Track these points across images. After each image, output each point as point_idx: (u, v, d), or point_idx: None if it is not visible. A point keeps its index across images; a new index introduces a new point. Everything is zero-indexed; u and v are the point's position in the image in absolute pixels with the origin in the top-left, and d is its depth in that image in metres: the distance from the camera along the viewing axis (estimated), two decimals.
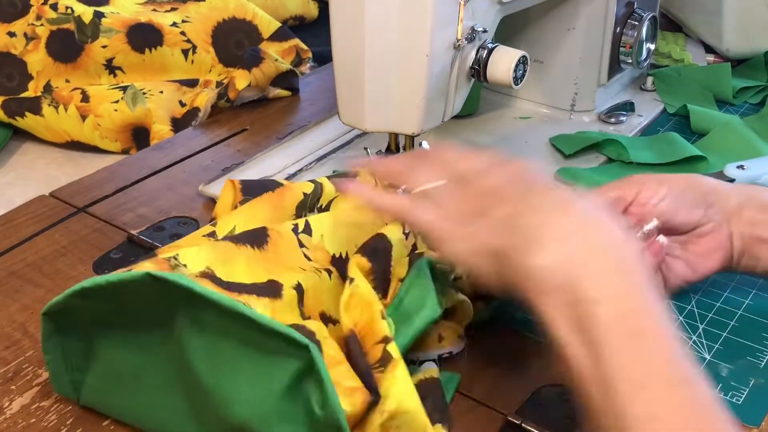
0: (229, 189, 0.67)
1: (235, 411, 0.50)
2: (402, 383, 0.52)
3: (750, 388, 0.60)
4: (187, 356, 0.51)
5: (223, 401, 0.50)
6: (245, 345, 0.50)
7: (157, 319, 0.52)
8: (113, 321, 0.54)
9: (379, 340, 0.53)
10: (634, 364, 0.43)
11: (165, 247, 0.62)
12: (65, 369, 0.57)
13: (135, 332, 0.54)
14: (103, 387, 0.57)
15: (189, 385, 0.52)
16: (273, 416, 0.49)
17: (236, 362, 0.50)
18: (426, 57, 0.68)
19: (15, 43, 1.06)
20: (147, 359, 0.54)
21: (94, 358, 0.56)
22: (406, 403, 0.51)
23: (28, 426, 0.58)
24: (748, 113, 0.99)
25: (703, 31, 1.12)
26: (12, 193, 0.92)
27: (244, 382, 0.50)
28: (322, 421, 0.49)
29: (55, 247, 0.76)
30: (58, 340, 0.56)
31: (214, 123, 0.99)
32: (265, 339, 0.49)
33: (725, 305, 0.69)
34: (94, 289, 0.52)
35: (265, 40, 1.12)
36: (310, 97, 1.05)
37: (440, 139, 0.92)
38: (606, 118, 0.97)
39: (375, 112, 0.71)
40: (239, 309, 0.49)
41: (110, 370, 0.56)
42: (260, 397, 0.49)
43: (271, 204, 0.65)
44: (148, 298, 0.52)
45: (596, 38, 0.93)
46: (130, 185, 0.86)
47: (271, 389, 0.49)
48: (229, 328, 0.50)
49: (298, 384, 0.49)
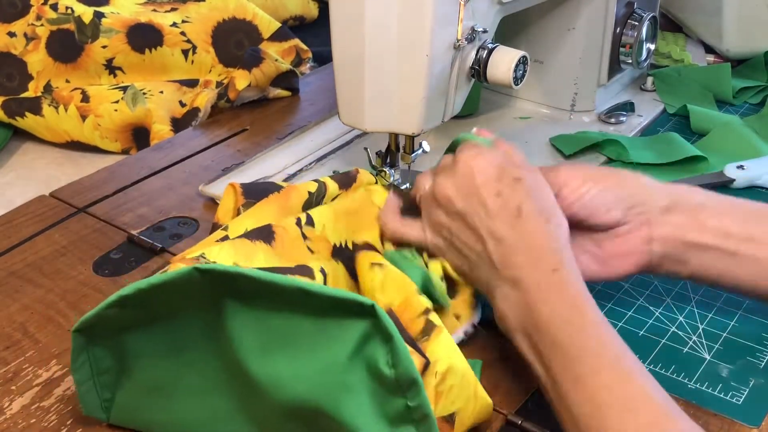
0: (230, 193, 0.67)
1: (295, 391, 0.49)
2: (448, 346, 0.54)
3: (750, 388, 0.60)
4: (235, 348, 0.50)
5: (281, 384, 0.49)
6: (302, 321, 0.49)
7: (198, 317, 0.52)
8: (149, 329, 0.53)
9: (419, 313, 0.56)
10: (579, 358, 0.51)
11: (186, 250, 0.62)
12: (95, 389, 0.55)
13: (172, 337, 0.53)
14: (135, 402, 0.56)
15: (236, 380, 0.52)
16: (338, 388, 0.49)
17: (294, 341, 0.49)
18: (426, 57, 0.68)
19: (15, 43, 1.06)
20: (186, 363, 0.53)
21: (127, 373, 0.55)
22: (456, 363, 0.53)
23: (28, 426, 0.58)
24: (748, 113, 0.99)
25: (703, 31, 1.12)
26: (12, 193, 0.92)
27: (305, 359, 0.49)
28: (393, 380, 0.48)
29: (55, 247, 0.76)
30: (86, 358, 0.54)
31: (214, 123, 0.99)
32: (324, 310, 0.48)
33: (725, 305, 0.69)
34: (135, 296, 0.51)
35: (265, 40, 1.12)
36: (310, 97, 1.05)
37: (440, 139, 0.92)
38: (606, 118, 0.96)
39: (375, 112, 0.71)
40: (298, 284, 0.48)
41: (145, 382, 0.55)
42: (323, 370, 0.49)
43: (278, 204, 0.65)
44: (189, 297, 0.51)
45: (596, 38, 0.93)
46: (130, 185, 0.86)
47: (334, 360, 0.48)
48: (283, 308, 0.49)
49: (362, 349, 0.49)
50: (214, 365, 0.53)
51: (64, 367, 0.62)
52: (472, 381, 0.54)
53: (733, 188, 0.84)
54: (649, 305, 0.69)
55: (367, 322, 0.48)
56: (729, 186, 0.84)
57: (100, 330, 0.53)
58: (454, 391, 0.53)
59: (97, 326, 0.53)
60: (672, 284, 0.71)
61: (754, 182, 0.84)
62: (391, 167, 0.77)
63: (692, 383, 0.61)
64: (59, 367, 0.63)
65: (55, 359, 0.63)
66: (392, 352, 0.48)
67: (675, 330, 0.66)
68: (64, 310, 0.68)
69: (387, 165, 0.77)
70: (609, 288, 0.70)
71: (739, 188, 0.84)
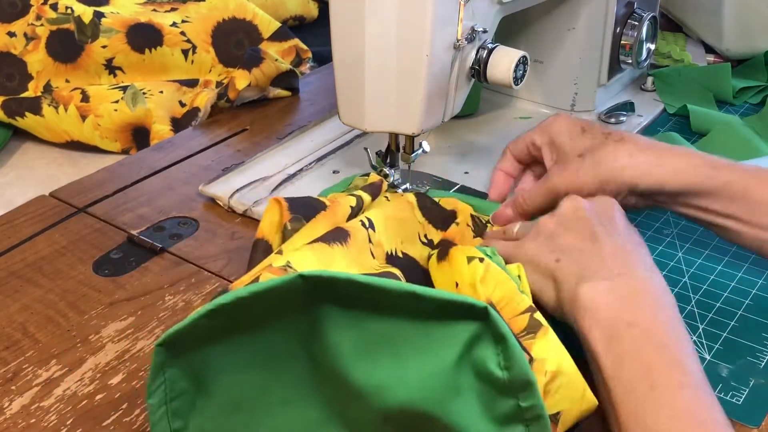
0: (275, 207, 0.66)
1: (399, 396, 0.48)
2: (557, 346, 0.53)
3: (750, 388, 0.60)
4: (333, 355, 0.49)
5: (384, 390, 0.48)
6: (406, 325, 0.48)
7: (289, 326, 0.50)
8: (234, 342, 0.50)
9: (522, 311, 0.55)
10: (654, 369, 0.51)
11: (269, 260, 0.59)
12: (167, 417, 0.52)
13: (259, 348, 0.51)
14: (213, 424, 0.52)
15: (328, 389, 0.51)
16: (445, 392, 0.48)
17: (397, 345, 0.48)
18: (426, 57, 0.68)
19: (15, 43, 1.06)
20: (273, 376, 0.51)
21: (204, 394, 0.52)
22: (565, 364, 0.53)
23: (28, 426, 0.58)
24: (748, 113, 0.99)
25: (703, 31, 1.12)
26: (12, 193, 0.92)
27: (410, 364, 0.48)
28: (506, 382, 0.47)
29: (55, 247, 0.76)
30: (162, 380, 0.50)
31: (214, 123, 0.99)
32: (428, 313, 0.47)
33: (725, 305, 0.69)
34: (230, 305, 0.48)
35: (265, 40, 1.12)
36: (310, 97, 1.05)
37: (440, 139, 0.92)
38: (606, 119, 0.96)
39: (375, 112, 0.71)
40: (409, 288, 0.47)
41: (226, 401, 0.52)
42: (430, 375, 0.48)
43: (326, 222, 0.64)
44: (281, 306, 0.49)
45: (596, 38, 0.93)
46: (130, 185, 0.86)
47: (441, 363, 0.47)
48: (385, 313, 0.48)
49: (470, 351, 0.48)
50: (305, 375, 0.51)
51: (64, 367, 0.62)
52: (581, 383, 0.53)
53: None
54: None
55: (477, 324, 0.47)
56: None
57: (182, 344, 0.49)
58: (561, 392, 0.53)
59: (180, 341, 0.49)
60: (672, 284, 0.71)
61: None
62: (391, 167, 0.77)
63: None
64: (59, 367, 0.63)
65: (54, 359, 0.63)
66: (504, 353, 0.47)
67: None
68: (64, 310, 0.68)
69: (387, 165, 0.77)
70: None
71: None
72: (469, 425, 0.48)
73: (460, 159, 0.89)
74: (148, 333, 0.66)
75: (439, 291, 0.47)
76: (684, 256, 0.75)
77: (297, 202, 0.67)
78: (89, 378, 0.62)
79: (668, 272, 0.72)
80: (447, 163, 0.87)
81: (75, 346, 0.64)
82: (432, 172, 0.84)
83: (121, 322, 0.67)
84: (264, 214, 0.66)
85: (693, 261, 0.74)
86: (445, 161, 0.88)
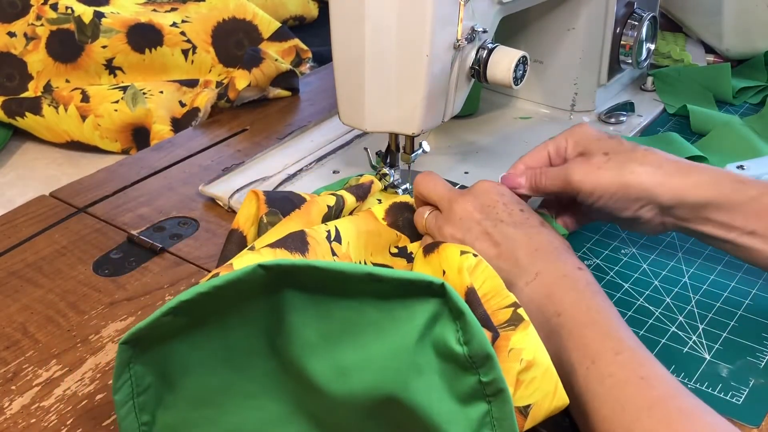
0: (253, 200, 0.66)
1: (363, 379, 0.48)
2: (536, 340, 0.54)
3: (750, 388, 0.60)
4: (296, 345, 0.49)
5: (348, 376, 0.48)
6: (367, 308, 0.48)
7: (252, 319, 0.50)
8: (198, 336, 0.51)
9: (507, 305, 0.56)
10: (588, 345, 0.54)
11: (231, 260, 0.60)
12: (134, 411, 0.52)
13: (223, 343, 0.51)
14: (180, 419, 0.53)
15: (293, 381, 0.51)
16: (407, 372, 0.48)
17: (359, 329, 0.48)
18: (426, 57, 0.68)
19: (15, 43, 1.06)
20: (237, 369, 0.52)
21: (170, 389, 0.52)
22: (541, 357, 0.53)
23: (28, 426, 0.58)
24: (748, 113, 0.99)
25: (703, 31, 1.12)
26: (12, 193, 0.92)
27: (372, 346, 0.48)
28: (466, 357, 0.48)
29: (55, 247, 0.76)
30: (128, 377, 0.51)
31: (214, 123, 0.99)
32: (389, 294, 0.48)
33: (725, 305, 0.69)
34: (192, 301, 0.48)
35: (265, 40, 1.12)
36: (310, 97, 1.05)
37: (440, 139, 0.92)
38: (606, 118, 0.97)
39: (375, 112, 0.71)
40: (366, 270, 0.47)
41: (192, 395, 0.52)
42: (391, 355, 0.48)
43: (300, 221, 0.64)
44: (244, 299, 0.49)
45: (596, 38, 0.93)
46: (130, 185, 0.86)
47: (402, 343, 0.48)
48: (347, 297, 0.48)
49: (430, 329, 0.48)
50: (268, 369, 0.52)
51: (64, 367, 0.62)
52: (554, 378, 0.54)
53: None
54: (649, 305, 0.69)
55: (436, 301, 0.48)
56: None
57: (146, 341, 0.51)
58: (535, 384, 0.53)
59: (144, 338, 0.50)
60: (672, 284, 0.71)
61: None
62: (391, 167, 0.77)
63: (692, 383, 0.61)
64: (59, 367, 0.63)
65: (55, 359, 0.63)
66: (464, 328, 0.48)
67: (675, 330, 0.66)
68: (64, 310, 0.68)
69: (387, 165, 0.77)
70: (609, 288, 0.70)
71: None
72: (431, 405, 0.48)
73: (460, 159, 0.89)
74: None
75: (397, 271, 0.47)
76: (684, 257, 0.75)
77: (275, 196, 0.67)
78: (89, 378, 0.62)
79: (668, 272, 0.72)
80: (447, 163, 0.87)
81: (75, 346, 0.65)
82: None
83: (121, 322, 0.67)
84: (242, 206, 0.66)
85: (693, 261, 0.74)
86: (445, 161, 0.88)
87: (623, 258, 0.74)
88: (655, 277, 0.72)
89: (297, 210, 0.66)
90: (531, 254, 0.60)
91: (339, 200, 0.68)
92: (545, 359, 0.54)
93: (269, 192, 0.67)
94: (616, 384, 0.51)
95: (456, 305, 0.47)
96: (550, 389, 0.54)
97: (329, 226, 0.64)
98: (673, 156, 0.66)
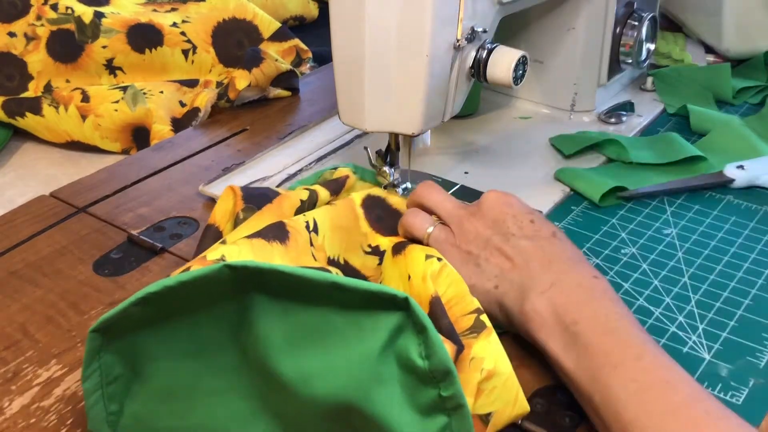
0: (230, 195, 0.67)
1: (326, 386, 0.48)
2: (497, 348, 0.54)
3: (750, 388, 0.60)
4: (262, 346, 0.50)
5: (311, 380, 0.48)
6: (333, 316, 0.48)
7: (220, 316, 0.51)
8: (167, 329, 0.51)
9: (470, 311, 0.56)
10: (609, 352, 0.53)
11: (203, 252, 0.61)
12: (102, 400, 0.53)
13: (192, 337, 0.52)
14: (148, 411, 0.53)
15: (259, 380, 0.51)
16: (369, 381, 0.48)
17: (324, 336, 0.49)
18: (426, 57, 0.68)
19: (15, 43, 1.06)
20: (205, 364, 0.52)
21: (139, 379, 0.53)
22: (502, 366, 0.54)
23: (28, 426, 0.58)
24: (748, 113, 0.99)
25: (703, 31, 1.12)
26: (12, 193, 0.92)
27: (336, 354, 0.48)
28: (426, 371, 0.48)
29: (55, 247, 0.76)
30: (97, 366, 0.52)
31: (214, 123, 0.99)
32: (354, 304, 0.48)
33: (725, 305, 0.69)
34: (161, 294, 0.49)
35: (265, 40, 1.12)
36: (310, 97, 1.05)
37: (440, 139, 0.92)
38: (606, 118, 0.97)
39: (375, 112, 0.71)
40: (331, 279, 0.47)
41: (159, 388, 0.53)
42: (354, 364, 0.48)
43: (272, 213, 0.65)
44: (212, 296, 0.50)
45: (596, 38, 0.93)
46: (130, 185, 0.86)
47: (366, 353, 0.48)
48: (313, 303, 0.49)
49: (393, 342, 0.49)
50: (235, 366, 0.52)
51: (64, 367, 0.62)
52: (515, 386, 0.54)
53: (733, 188, 0.84)
54: (649, 305, 0.69)
55: (400, 314, 0.48)
56: (729, 186, 0.84)
57: (116, 331, 0.51)
58: (496, 392, 0.54)
59: (113, 327, 0.51)
60: (672, 284, 0.71)
61: (754, 182, 0.84)
62: (391, 167, 0.77)
63: None
64: (59, 367, 0.63)
65: (55, 359, 0.63)
66: (426, 343, 0.48)
67: (675, 330, 0.66)
68: (64, 310, 0.68)
69: (387, 164, 0.77)
70: None
71: (739, 188, 0.84)
72: (391, 415, 0.48)
73: (460, 159, 0.89)
74: None
75: (362, 282, 0.48)
76: (684, 257, 0.75)
77: (252, 192, 0.67)
78: None
79: (668, 272, 0.72)
80: (447, 163, 0.87)
81: (75, 346, 0.64)
82: (432, 172, 0.84)
83: None
84: (218, 201, 0.67)
85: (693, 261, 0.74)
86: (445, 161, 0.88)
87: (623, 258, 0.74)
88: (655, 277, 0.72)
89: (269, 204, 0.66)
90: (545, 265, 0.60)
91: (312, 194, 0.68)
92: (506, 368, 0.54)
93: (246, 187, 0.68)
94: (640, 388, 0.51)
95: (419, 320, 0.48)
96: (511, 398, 0.54)
97: (307, 217, 0.64)
98: None
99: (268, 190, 0.69)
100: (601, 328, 0.55)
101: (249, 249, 0.59)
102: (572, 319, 0.56)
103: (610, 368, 0.52)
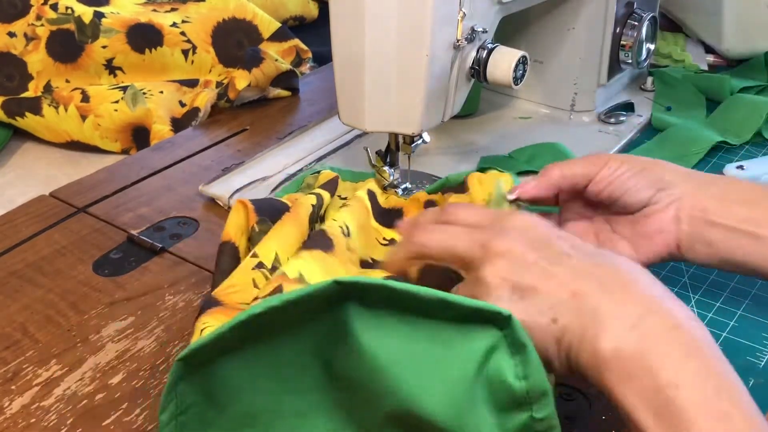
0: (241, 210, 0.66)
1: (423, 406, 0.46)
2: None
3: (750, 388, 0.60)
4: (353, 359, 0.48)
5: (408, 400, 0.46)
6: (437, 332, 0.47)
7: (305, 333, 0.49)
8: (250, 352, 0.48)
9: None
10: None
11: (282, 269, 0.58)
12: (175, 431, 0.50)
13: (276, 359, 0.49)
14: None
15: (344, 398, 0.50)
16: (464, 401, 0.46)
17: (426, 354, 0.47)
18: (426, 57, 0.68)
19: (15, 44, 1.06)
20: (288, 386, 0.50)
21: (217, 408, 0.50)
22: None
23: (28, 426, 0.58)
24: None
25: (703, 32, 1.12)
26: (12, 193, 0.92)
27: (436, 373, 0.46)
28: (523, 393, 0.46)
29: (55, 247, 0.76)
30: (173, 396, 0.49)
31: (214, 123, 0.99)
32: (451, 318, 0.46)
33: (725, 305, 0.69)
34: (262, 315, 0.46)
35: (265, 40, 1.12)
36: (310, 97, 1.05)
37: (440, 139, 0.92)
38: (606, 118, 0.97)
39: (375, 112, 0.71)
40: (439, 295, 0.46)
41: (240, 414, 0.50)
42: (453, 383, 0.46)
43: (292, 222, 0.64)
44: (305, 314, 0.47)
45: (596, 38, 0.93)
46: (130, 185, 0.86)
47: (464, 372, 0.46)
48: (417, 320, 0.47)
49: (487, 360, 0.47)
50: (317, 385, 0.50)
51: (64, 367, 0.62)
52: None
53: None
54: None
55: (496, 332, 0.47)
56: None
57: (200, 357, 0.47)
58: None
59: (198, 353, 0.47)
60: (672, 284, 0.71)
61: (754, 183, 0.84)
62: (391, 167, 0.77)
63: None
64: (59, 367, 0.63)
65: (55, 359, 0.63)
66: (524, 363, 0.46)
67: None
68: (64, 310, 0.68)
69: (387, 164, 0.77)
70: None
71: None
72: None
73: (460, 159, 0.89)
74: (148, 333, 0.66)
75: (466, 299, 0.47)
76: None
77: (262, 204, 0.67)
78: (89, 378, 0.62)
79: (668, 272, 0.72)
80: (447, 163, 0.87)
81: (75, 346, 0.65)
82: (432, 172, 0.84)
83: (121, 321, 0.67)
84: (229, 217, 0.66)
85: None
86: (445, 161, 0.88)
87: None
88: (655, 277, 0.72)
89: (287, 213, 0.65)
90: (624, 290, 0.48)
91: (319, 199, 0.68)
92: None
93: (255, 200, 0.67)
94: None
95: (518, 338, 0.46)
96: None
97: (339, 221, 0.64)
98: None
99: (273, 200, 0.69)
100: (713, 408, 0.43)
101: (313, 261, 0.57)
102: (670, 380, 0.43)
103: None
